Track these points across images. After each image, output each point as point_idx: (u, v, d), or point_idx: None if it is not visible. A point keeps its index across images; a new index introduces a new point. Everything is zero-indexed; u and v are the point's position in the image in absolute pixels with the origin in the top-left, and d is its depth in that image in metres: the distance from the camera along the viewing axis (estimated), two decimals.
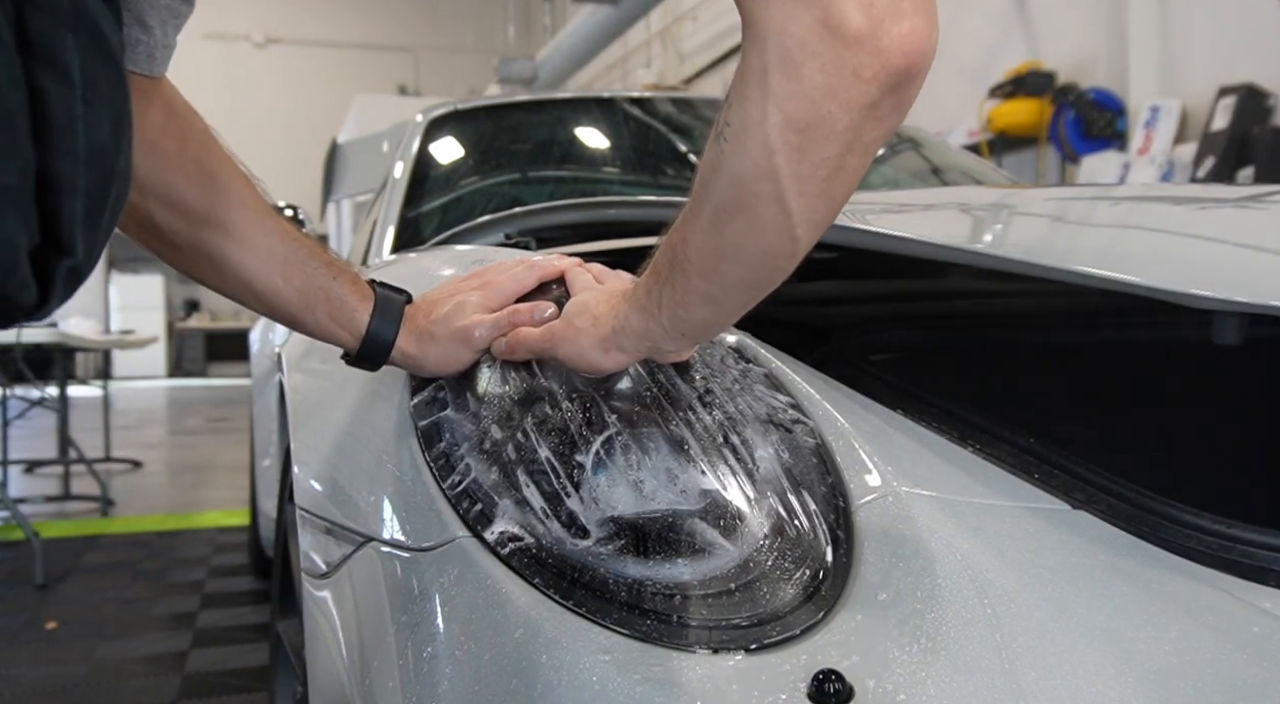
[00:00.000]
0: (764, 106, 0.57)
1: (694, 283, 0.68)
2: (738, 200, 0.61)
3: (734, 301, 0.69)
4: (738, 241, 0.63)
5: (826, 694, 0.60)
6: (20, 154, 0.47)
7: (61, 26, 0.48)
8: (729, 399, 0.82)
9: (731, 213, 0.62)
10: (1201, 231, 1.07)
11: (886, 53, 0.55)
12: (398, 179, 2.22)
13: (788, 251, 0.63)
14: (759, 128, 0.58)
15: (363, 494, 0.86)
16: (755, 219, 0.61)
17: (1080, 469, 0.79)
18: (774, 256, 0.64)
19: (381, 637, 0.75)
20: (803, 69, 0.55)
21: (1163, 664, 0.64)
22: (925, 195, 1.77)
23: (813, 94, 0.56)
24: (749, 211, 0.61)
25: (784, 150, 0.58)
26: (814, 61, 0.55)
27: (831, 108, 0.56)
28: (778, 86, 0.56)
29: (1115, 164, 5.16)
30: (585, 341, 0.78)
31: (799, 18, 0.54)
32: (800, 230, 0.62)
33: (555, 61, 10.21)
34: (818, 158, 0.58)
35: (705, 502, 0.74)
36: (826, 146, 0.58)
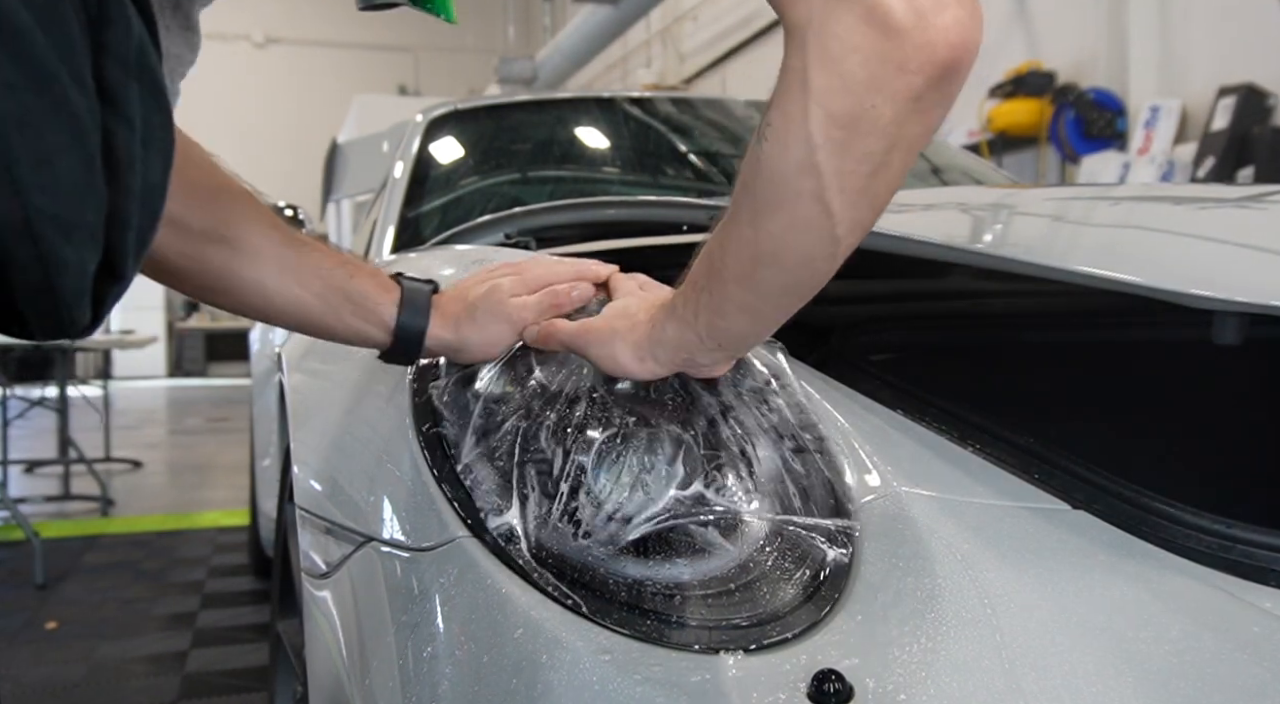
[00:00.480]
0: (805, 104, 0.56)
1: (730, 290, 0.67)
2: (777, 199, 0.60)
3: (772, 309, 0.68)
4: (776, 244, 0.62)
5: (826, 694, 0.60)
6: (98, 193, 0.51)
7: (128, 76, 0.52)
8: (729, 399, 0.82)
9: (771, 213, 0.61)
10: (1201, 231, 1.07)
11: (932, 44, 0.55)
12: (398, 179, 2.22)
13: (828, 254, 0.62)
14: (800, 126, 0.57)
15: (363, 494, 0.86)
16: (795, 218, 0.60)
17: (1080, 469, 0.79)
18: (813, 259, 0.63)
19: (381, 637, 0.75)
20: (845, 64, 0.55)
21: (1163, 664, 0.64)
22: (925, 195, 1.77)
23: (856, 88, 0.55)
24: (789, 210, 0.60)
25: (826, 146, 0.57)
26: (856, 55, 0.55)
27: (876, 102, 0.56)
28: (819, 83, 0.56)
29: (1115, 164, 5.16)
30: (620, 345, 0.77)
31: (840, 14, 0.54)
32: (841, 230, 0.61)
33: (555, 61, 10.22)
34: (861, 153, 0.57)
35: (705, 502, 0.74)
36: (870, 141, 0.57)
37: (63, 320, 0.52)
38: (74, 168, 0.49)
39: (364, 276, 0.87)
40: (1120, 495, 0.77)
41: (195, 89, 1.80)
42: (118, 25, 0.52)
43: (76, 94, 0.49)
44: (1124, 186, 3.15)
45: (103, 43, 0.51)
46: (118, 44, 0.52)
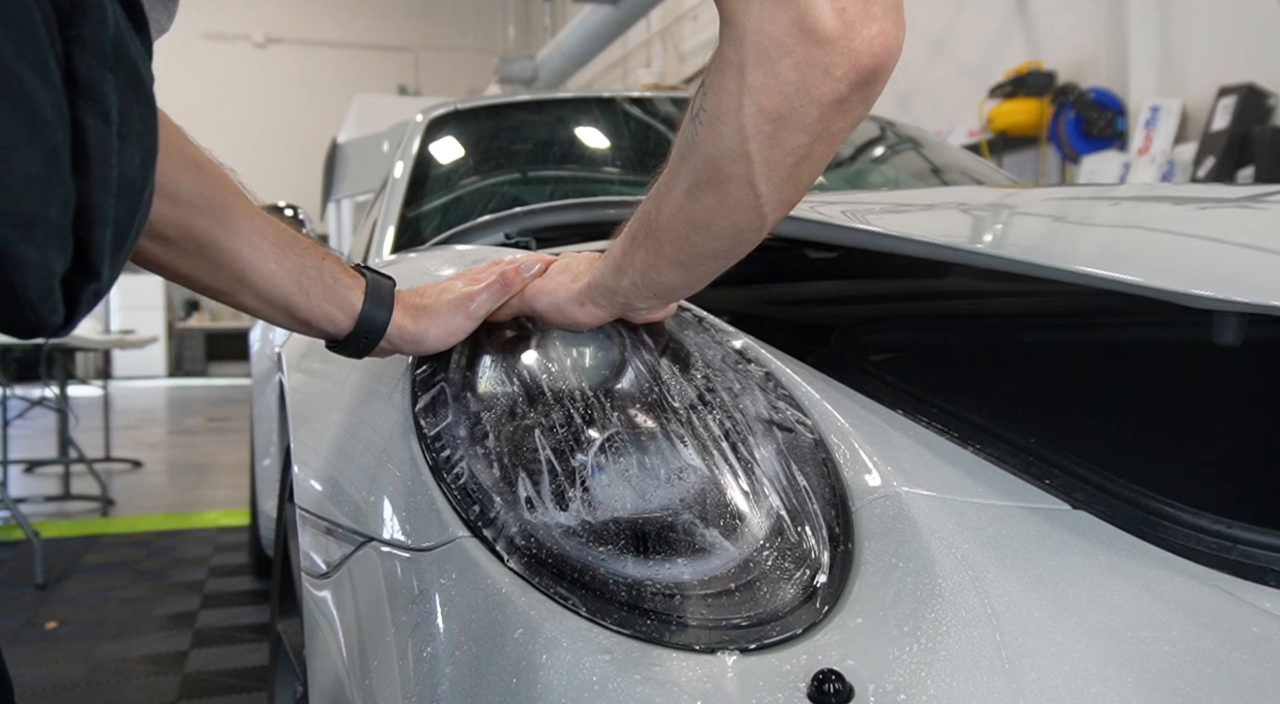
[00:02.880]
0: (740, 98, 0.61)
1: (665, 249, 0.73)
2: (711, 180, 0.66)
3: (702, 268, 0.75)
4: (709, 216, 0.69)
5: (826, 694, 0.60)
6: (63, 187, 0.50)
7: (103, 66, 0.51)
8: (729, 399, 0.82)
9: (705, 190, 0.67)
10: (1201, 231, 1.07)
11: (857, 53, 0.59)
12: (398, 179, 2.22)
13: (755, 227, 0.69)
14: (734, 117, 0.62)
15: (363, 494, 0.86)
16: (727, 197, 0.67)
17: (1080, 469, 0.79)
18: (742, 230, 0.70)
19: (381, 637, 0.75)
20: (778, 66, 0.60)
21: (1163, 664, 0.64)
22: (925, 195, 1.77)
23: (787, 89, 0.60)
24: (721, 190, 0.66)
25: (757, 138, 0.63)
26: (789, 59, 0.59)
27: (804, 102, 0.61)
28: (754, 81, 0.61)
29: (1115, 164, 5.16)
30: (562, 294, 0.83)
31: (777, 19, 0.58)
32: (768, 209, 0.67)
33: (555, 61, 10.21)
34: (788, 146, 0.63)
35: (705, 501, 0.74)
36: (797, 136, 0.62)
37: (29, 320, 0.51)
38: (33, 162, 0.48)
39: (333, 262, 0.89)
40: (1120, 495, 0.77)
41: (195, 89, 1.77)
42: (91, 17, 0.51)
43: (38, 87, 0.48)
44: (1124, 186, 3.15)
45: (74, 35, 0.50)
46: (91, 35, 0.51)
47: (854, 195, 1.62)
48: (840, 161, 2.38)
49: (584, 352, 0.83)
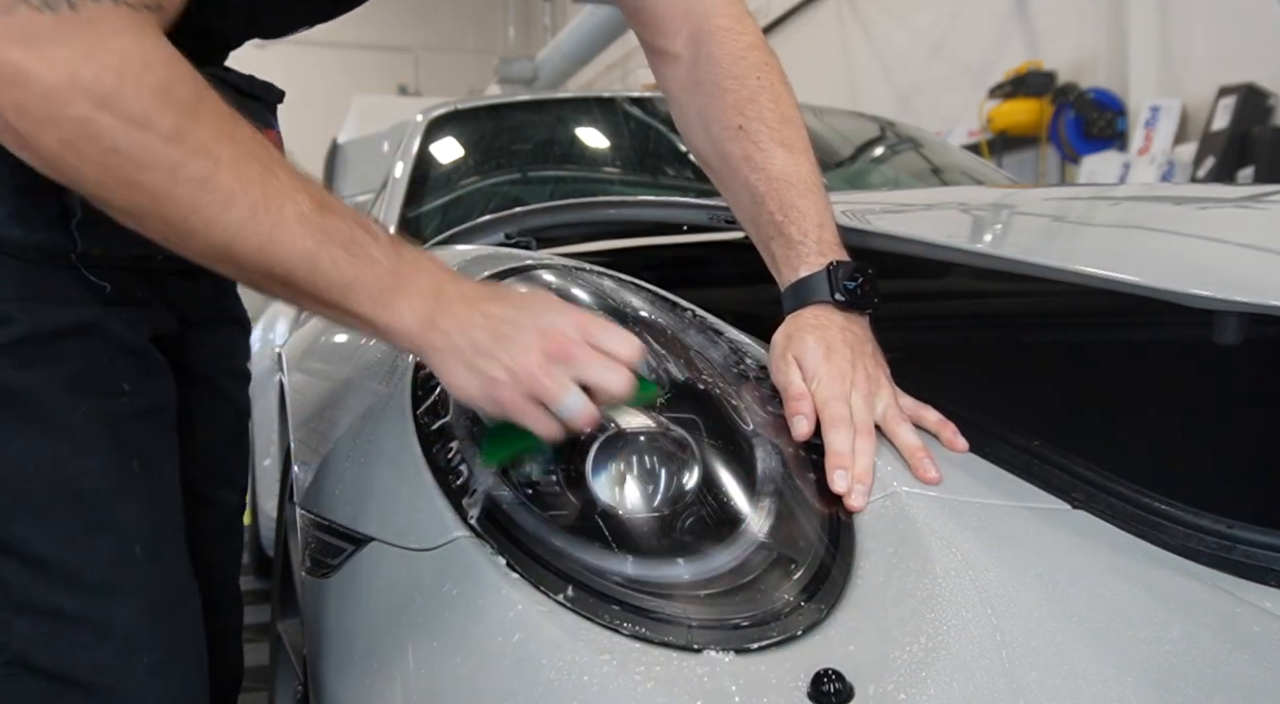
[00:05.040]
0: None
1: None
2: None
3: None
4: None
5: (826, 694, 0.60)
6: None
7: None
8: (729, 399, 0.82)
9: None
10: (1201, 231, 1.07)
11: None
12: (398, 179, 2.22)
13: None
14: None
15: (363, 494, 0.86)
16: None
17: (1080, 469, 0.79)
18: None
19: (381, 637, 0.75)
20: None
21: (1163, 664, 0.64)
22: (925, 195, 1.77)
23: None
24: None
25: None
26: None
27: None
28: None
29: (1115, 164, 5.16)
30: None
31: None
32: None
33: (555, 61, 10.20)
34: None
35: (705, 501, 0.74)
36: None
37: None
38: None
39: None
40: (1120, 495, 0.77)
41: None
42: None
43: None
44: (1124, 186, 3.16)
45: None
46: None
47: (854, 195, 1.62)
48: (840, 162, 2.38)
49: None
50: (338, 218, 0.71)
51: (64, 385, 0.78)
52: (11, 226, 0.77)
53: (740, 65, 0.97)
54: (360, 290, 0.72)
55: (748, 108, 0.95)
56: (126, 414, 0.81)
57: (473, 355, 0.72)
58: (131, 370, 0.82)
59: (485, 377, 0.72)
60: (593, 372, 0.72)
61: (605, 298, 0.90)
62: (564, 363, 0.72)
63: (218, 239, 0.69)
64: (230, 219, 0.68)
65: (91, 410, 0.79)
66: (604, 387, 0.72)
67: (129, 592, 0.79)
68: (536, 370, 0.71)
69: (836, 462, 0.75)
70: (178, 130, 0.67)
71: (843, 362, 0.82)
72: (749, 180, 0.93)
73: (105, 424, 0.79)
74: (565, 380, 0.71)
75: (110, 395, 0.80)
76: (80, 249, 0.79)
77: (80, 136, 0.65)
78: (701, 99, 0.99)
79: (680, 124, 1.04)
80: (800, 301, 0.87)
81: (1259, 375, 1.06)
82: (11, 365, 0.76)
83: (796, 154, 0.93)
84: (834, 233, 0.90)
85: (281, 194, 0.70)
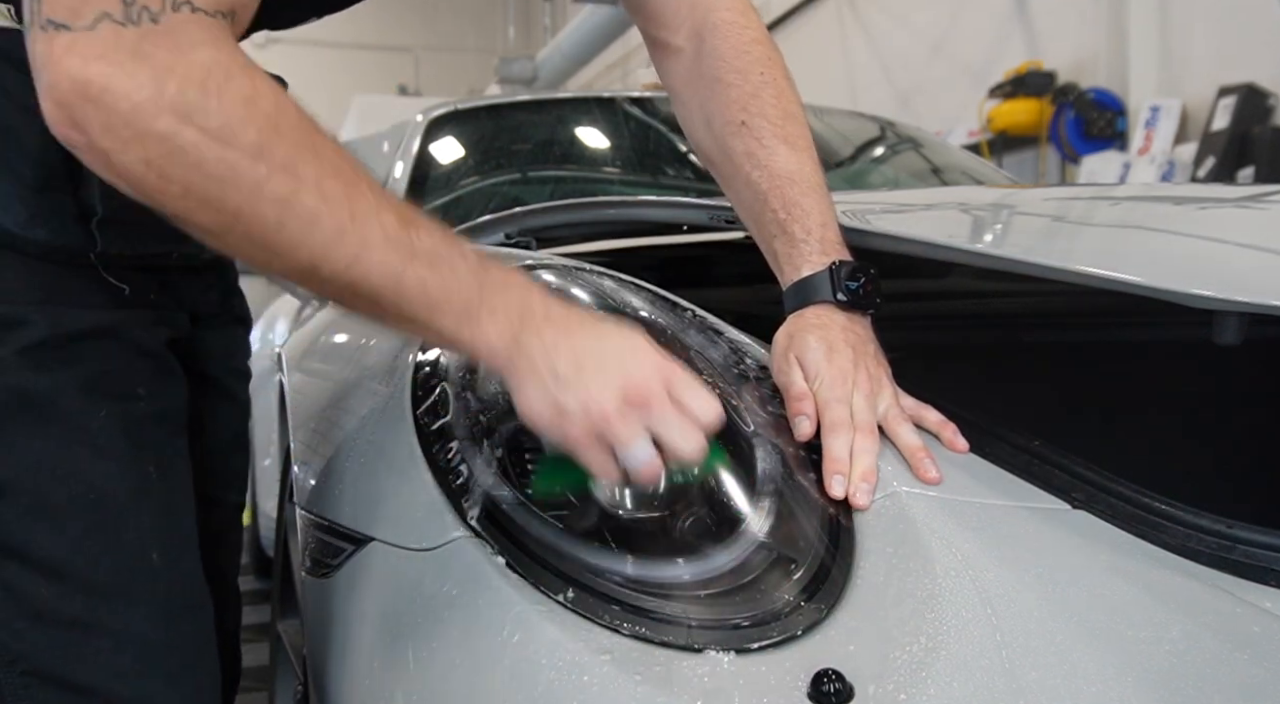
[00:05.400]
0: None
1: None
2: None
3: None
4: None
5: (826, 694, 0.60)
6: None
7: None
8: (729, 399, 0.82)
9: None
10: (1201, 231, 1.07)
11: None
12: (398, 179, 2.22)
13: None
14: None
15: (363, 494, 0.86)
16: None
17: (1080, 469, 0.79)
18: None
19: (382, 636, 0.75)
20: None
21: (1163, 664, 0.64)
22: (925, 195, 1.77)
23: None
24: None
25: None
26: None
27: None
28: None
29: (1115, 164, 5.16)
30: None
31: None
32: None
33: (555, 61, 10.20)
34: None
35: (705, 501, 0.74)
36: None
37: None
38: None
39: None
40: (1120, 495, 0.77)
41: None
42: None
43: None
44: (1124, 186, 3.16)
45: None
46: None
47: (854, 195, 1.62)
48: (840, 162, 2.38)
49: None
50: (423, 233, 0.70)
51: (82, 389, 0.77)
52: (34, 228, 0.76)
53: (743, 60, 0.97)
54: (446, 309, 0.70)
55: (750, 103, 0.95)
56: (142, 418, 0.80)
57: (551, 383, 0.70)
58: (147, 374, 0.82)
59: (559, 407, 0.70)
60: (668, 429, 0.70)
61: (605, 298, 0.90)
62: (641, 411, 0.70)
63: (304, 259, 0.67)
64: (316, 239, 0.66)
65: (110, 414, 0.78)
66: (675, 447, 0.70)
67: (145, 598, 0.78)
68: (612, 412, 0.69)
69: (834, 467, 0.75)
70: (260, 146, 0.65)
71: (845, 362, 0.82)
72: (751, 177, 0.93)
73: (122, 428, 0.79)
74: (638, 428, 0.69)
75: (127, 399, 0.80)
76: (100, 248, 0.78)
77: (164, 154, 0.63)
78: (704, 93, 0.99)
79: (682, 119, 1.04)
80: (802, 301, 0.87)
81: (1259, 375, 1.06)
82: (30, 368, 0.76)
83: (799, 151, 0.93)
84: (836, 232, 0.90)
85: (367, 212, 0.68)
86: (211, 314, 0.95)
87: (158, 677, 0.78)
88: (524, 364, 0.70)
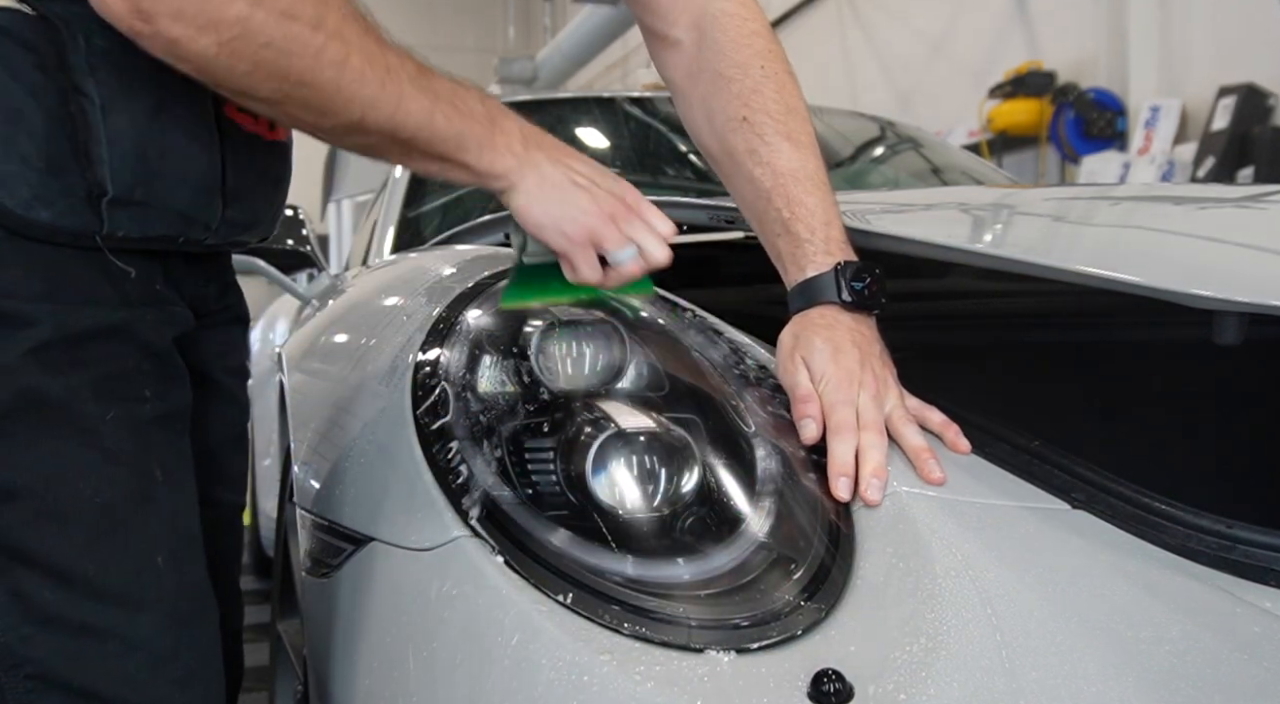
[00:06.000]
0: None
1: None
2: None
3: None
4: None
5: (826, 694, 0.60)
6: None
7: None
8: (729, 399, 0.82)
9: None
10: (1201, 231, 1.07)
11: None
12: (398, 179, 2.22)
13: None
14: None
15: (363, 494, 0.86)
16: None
17: (1080, 469, 0.79)
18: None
19: (382, 637, 0.75)
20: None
21: (1163, 664, 0.64)
22: (925, 195, 1.78)
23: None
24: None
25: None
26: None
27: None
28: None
29: (1115, 164, 5.16)
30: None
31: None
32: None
33: (555, 61, 10.20)
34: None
35: (705, 501, 0.74)
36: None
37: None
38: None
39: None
40: (1120, 495, 0.77)
41: None
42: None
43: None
44: (1124, 186, 3.16)
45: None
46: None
47: (854, 195, 1.62)
48: (840, 161, 2.38)
49: (584, 351, 0.83)
50: (435, 77, 0.80)
51: (93, 391, 0.77)
52: (37, 209, 0.75)
53: (744, 53, 0.97)
54: (470, 140, 0.80)
55: (752, 98, 0.95)
56: (149, 421, 0.80)
57: (555, 191, 0.82)
58: (153, 375, 0.81)
59: (561, 211, 0.82)
60: (644, 237, 0.83)
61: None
62: (624, 220, 0.83)
63: (354, 114, 0.75)
64: (365, 94, 0.75)
65: (118, 417, 0.77)
66: (650, 251, 0.83)
67: (153, 603, 0.78)
68: (607, 217, 0.82)
69: (839, 470, 0.76)
70: (319, 17, 0.72)
71: (851, 362, 0.82)
72: (753, 174, 0.93)
73: (130, 431, 0.78)
74: (624, 233, 0.82)
75: (135, 401, 0.79)
76: (106, 230, 0.77)
77: (238, 35, 0.69)
78: (704, 88, 0.99)
79: (683, 113, 1.04)
80: (807, 301, 0.87)
81: (1259, 375, 1.06)
82: (38, 370, 0.75)
83: (802, 148, 0.93)
84: (840, 230, 0.90)
85: (396, 64, 0.77)
86: (211, 311, 0.95)
87: (165, 681, 0.78)
88: (532, 173, 0.82)
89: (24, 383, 0.74)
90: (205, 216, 0.82)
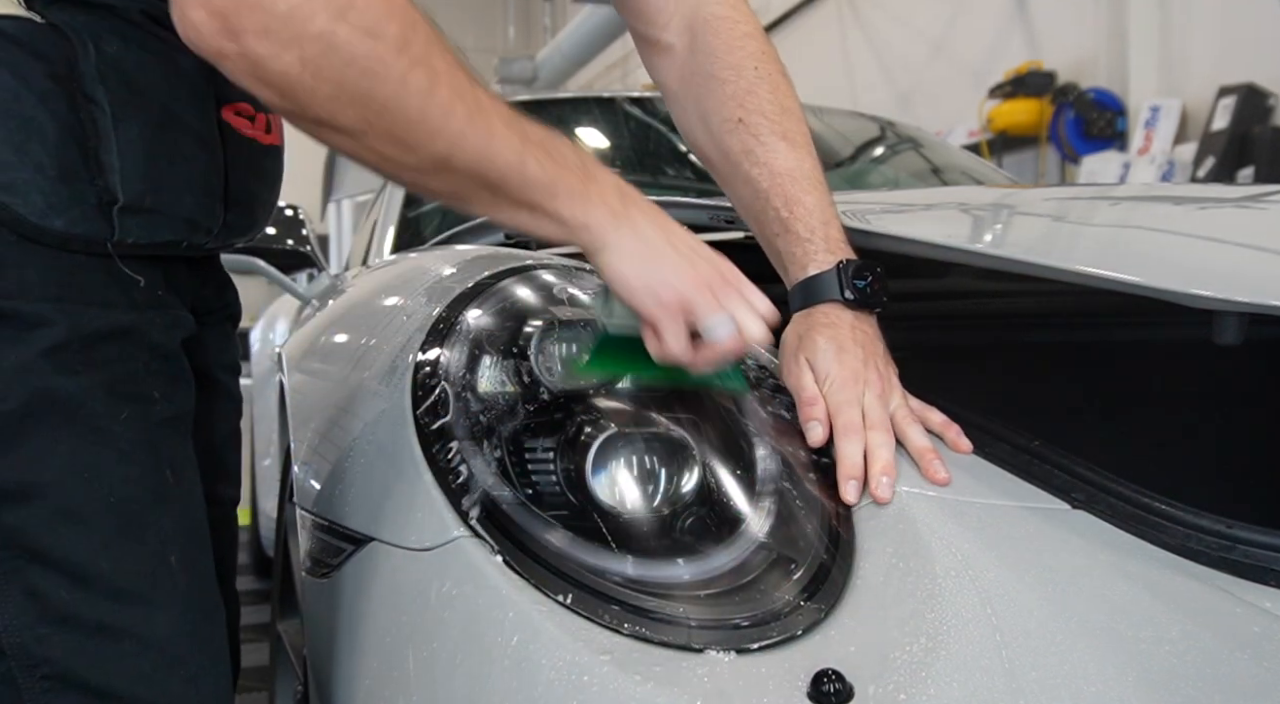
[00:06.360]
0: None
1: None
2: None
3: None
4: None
5: (826, 694, 0.60)
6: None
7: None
8: (728, 398, 0.82)
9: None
10: (1201, 231, 1.07)
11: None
12: None
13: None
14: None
15: (363, 494, 0.86)
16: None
17: (1080, 469, 0.79)
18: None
19: (382, 637, 0.75)
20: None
21: (1163, 664, 0.64)
22: (925, 195, 1.78)
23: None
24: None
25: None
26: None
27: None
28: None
29: (1115, 164, 5.16)
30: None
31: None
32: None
33: (555, 61, 10.20)
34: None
35: (705, 501, 0.74)
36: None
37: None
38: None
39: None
40: (1120, 495, 0.77)
41: None
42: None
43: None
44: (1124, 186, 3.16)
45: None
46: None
47: (854, 195, 1.62)
48: (840, 161, 2.39)
49: (584, 351, 0.83)
50: (527, 122, 0.75)
51: (107, 391, 0.77)
52: (50, 217, 0.75)
53: (737, 55, 0.97)
54: (562, 189, 0.75)
55: (746, 100, 0.95)
56: (158, 422, 0.80)
57: (650, 253, 0.76)
58: (162, 377, 0.81)
59: (656, 275, 0.76)
60: (741, 311, 0.77)
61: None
62: (720, 292, 0.77)
63: (440, 149, 0.71)
64: (453, 128, 0.70)
65: (130, 417, 0.78)
66: (746, 327, 0.76)
67: (166, 602, 0.78)
68: (703, 287, 0.76)
69: (848, 472, 0.76)
70: (404, 39, 0.68)
71: (855, 362, 0.82)
72: (750, 175, 0.93)
73: (142, 432, 0.78)
74: (719, 306, 0.76)
75: (145, 402, 0.79)
76: (117, 237, 0.78)
77: (321, 52, 0.66)
78: (698, 91, 0.98)
79: (677, 118, 1.04)
80: (809, 300, 0.87)
81: (1259, 375, 1.06)
82: (53, 370, 0.75)
83: (798, 148, 0.93)
84: (839, 229, 0.90)
85: (487, 103, 0.72)
86: (211, 310, 0.95)
87: (179, 679, 0.78)
88: (629, 234, 0.76)
89: (41, 383, 0.74)
90: (208, 222, 0.82)
